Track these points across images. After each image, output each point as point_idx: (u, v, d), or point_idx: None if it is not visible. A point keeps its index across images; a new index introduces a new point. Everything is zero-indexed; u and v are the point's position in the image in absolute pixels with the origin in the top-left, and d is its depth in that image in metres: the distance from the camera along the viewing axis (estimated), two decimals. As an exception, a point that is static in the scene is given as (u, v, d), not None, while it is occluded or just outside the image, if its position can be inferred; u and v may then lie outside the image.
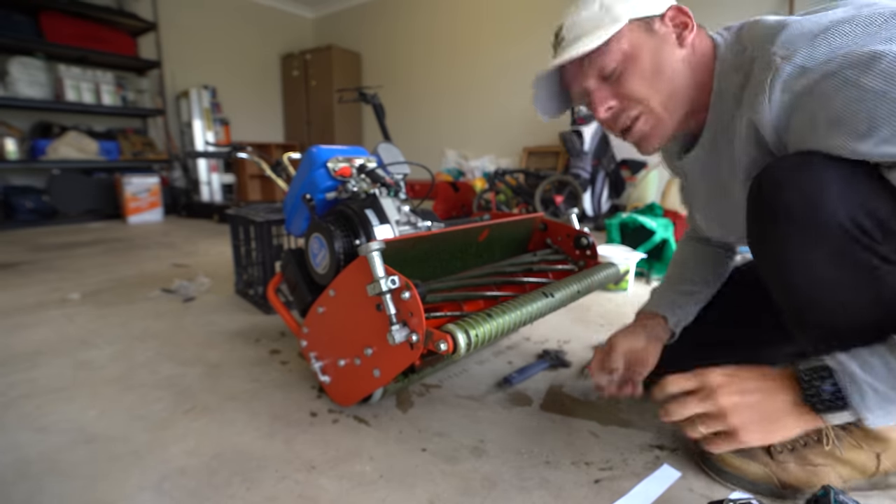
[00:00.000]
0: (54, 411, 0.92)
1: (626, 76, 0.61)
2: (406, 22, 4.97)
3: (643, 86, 0.61)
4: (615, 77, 0.62)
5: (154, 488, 0.71)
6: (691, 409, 0.54)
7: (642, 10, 0.61)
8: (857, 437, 0.67)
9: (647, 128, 0.64)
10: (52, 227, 3.51)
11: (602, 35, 0.59)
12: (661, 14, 0.62)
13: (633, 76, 0.61)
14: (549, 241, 1.18)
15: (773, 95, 0.51)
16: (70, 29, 3.63)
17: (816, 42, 0.48)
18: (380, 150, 1.12)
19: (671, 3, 0.63)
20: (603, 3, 0.62)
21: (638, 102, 0.62)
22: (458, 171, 4.43)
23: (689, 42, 0.62)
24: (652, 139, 0.65)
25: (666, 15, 0.62)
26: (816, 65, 0.48)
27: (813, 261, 0.50)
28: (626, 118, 0.64)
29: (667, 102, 0.62)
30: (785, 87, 0.50)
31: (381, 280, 0.70)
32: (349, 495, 0.69)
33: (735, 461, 0.68)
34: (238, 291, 1.70)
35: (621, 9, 0.61)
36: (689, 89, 0.63)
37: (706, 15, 3.48)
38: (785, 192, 0.50)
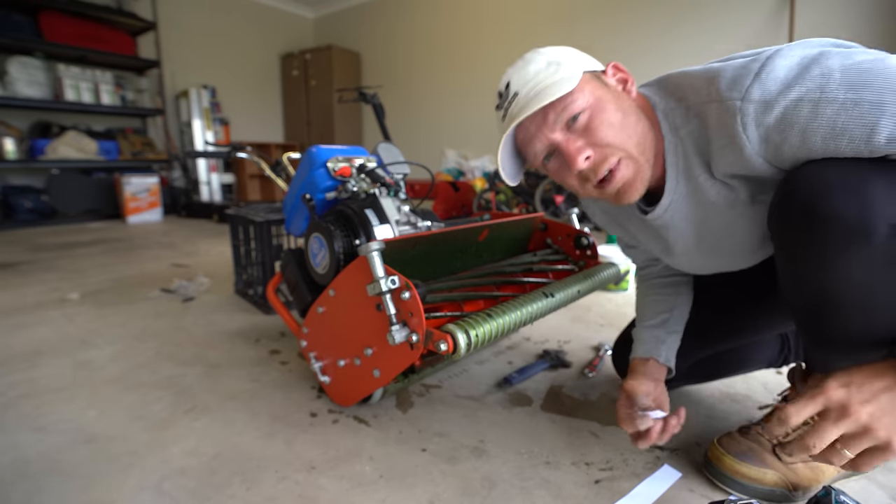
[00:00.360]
0: (54, 411, 0.92)
1: (596, 125, 0.59)
2: (406, 22, 4.97)
3: (616, 132, 0.59)
4: (583, 127, 0.59)
5: (154, 488, 0.71)
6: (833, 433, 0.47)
7: (588, 65, 0.63)
8: None
9: (630, 173, 0.61)
10: (52, 226, 3.51)
11: (566, 84, 0.58)
12: (603, 70, 0.64)
13: (603, 124, 0.59)
14: (550, 240, 1.18)
15: (749, 136, 0.52)
16: (69, 28, 3.63)
17: (761, 77, 0.50)
18: (380, 149, 1.12)
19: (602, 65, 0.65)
20: (550, 59, 0.62)
21: (616, 149, 0.59)
22: (458, 171, 4.42)
23: (633, 94, 0.64)
24: (635, 185, 0.62)
25: (607, 70, 0.64)
26: (775, 96, 0.50)
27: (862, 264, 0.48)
28: (607, 167, 0.60)
29: (641, 147, 0.61)
30: (757, 123, 0.51)
31: (380, 280, 0.70)
32: (349, 495, 0.69)
33: (751, 471, 0.68)
34: (238, 291, 1.70)
35: (571, 63, 0.62)
36: (648, 137, 0.62)
37: (707, 15, 3.44)
38: (831, 198, 0.48)
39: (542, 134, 0.61)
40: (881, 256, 0.47)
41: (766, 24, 3.00)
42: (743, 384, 1.02)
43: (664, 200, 0.66)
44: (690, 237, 0.70)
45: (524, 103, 0.60)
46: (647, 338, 0.81)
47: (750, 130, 0.52)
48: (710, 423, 0.87)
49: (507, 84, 0.64)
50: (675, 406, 0.92)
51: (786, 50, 0.51)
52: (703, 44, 3.18)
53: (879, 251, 0.47)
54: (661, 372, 0.78)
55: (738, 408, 0.93)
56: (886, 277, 0.48)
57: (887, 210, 0.46)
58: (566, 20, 3.83)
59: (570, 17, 3.81)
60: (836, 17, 2.80)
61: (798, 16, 2.87)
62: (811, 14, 2.85)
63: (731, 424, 0.85)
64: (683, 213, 0.67)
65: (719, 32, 3.15)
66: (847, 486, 0.70)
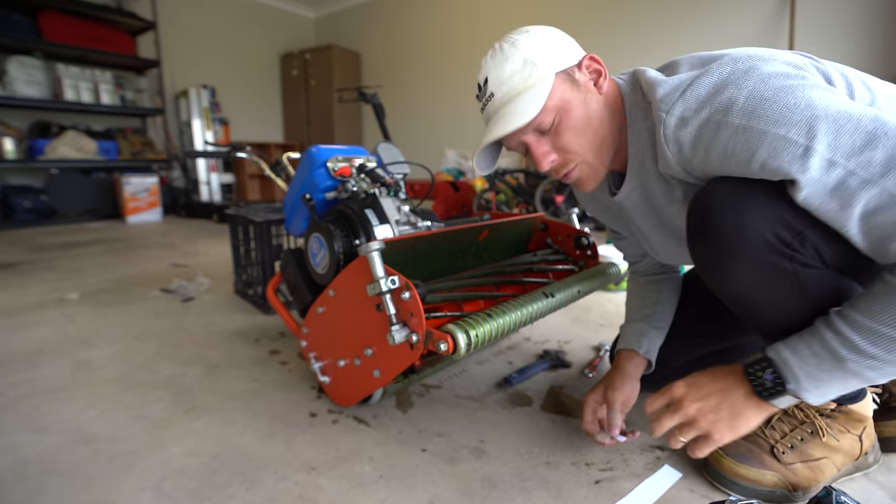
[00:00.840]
0: (53, 411, 0.92)
1: (561, 130, 0.66)
2: (406, 22, 4.97)
3: (577, 139, 0.66)
4: (552, 130, 0.66)
5: (154, 488, 0.70)
6: (668, 423, 0.61)
7: (563, 61, 0.65)
8: (842, 423, 0.70)
9: (584, 175, 0.69)
10: (51, 226, 3.51)
11: (538, 96, 0.63)
12: (578, 63, 0.66)
13: (568, 130, 0.65)
14: (550, 240, 1.18)
15: (669, 147, 0.59)
16: (69, 28, 3.62)
17: (685, 95, 0.57)
18: (379, 149, 1.12)
19: (582, 52, 0.67)
20: (526, 57, 0.64)
21: (576, 155, 0.67)
22: (458, 171, 4.42)
23: (604, 89, 0.67)
24: (588, 183, 0.70)
25: (582, 63, 0.66)
26: (690, 113, 0.56)
27: (746, 271, 0.58)
28: (565, 171, 0.69)
29: (598, 151, 0.68)
30: (675, 137, 0.58)
31: (380, 280, 0.70)
32: (349, 496, 0.69)
33: (750, 473, 0.68)
34: (237, 291, 1.70)
35: (546, 63, 0.64)
36: (612, 133, 0.68)
37: (707, 15, 3.43)
38: (714, 215, 0.57)
39: (514, 136, 0.68)
40: (758, 265, 0.56)
41: (766, 24, 3.00)
42: (743, 384, 1.02)
43: (625, 186, 0.72)
44: (652, 221, 0.75)
45: (498, 110, 0.66)
46: (630, 331, 0.86)
47: (670, 142, 0.59)
48: (711, 424, 0.87)
49: (484, 80, 0.67)
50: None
51: (716, 67, 0.56)
52: (702, 44, 3.18)
53: (756, 260, 0.56)
54: (641, 367, 0.82)
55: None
56: (765, 281, 0.57)
57: (760, 225, 0.55)
58: (565, 19, 3.83)
59: (570, 16, 3.81)
60: (836, 17, 2.80)
61: (798, 15, 2.87)
62: (812, 13, 2.85)
63: (731, 424, 0.85)
64: (643, 200, 0.73)
65: (718, 32, 3.15)
66: (847, 486, 0.70)
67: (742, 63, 0.55)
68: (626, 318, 0.91)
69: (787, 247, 0.55)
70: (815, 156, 0.48)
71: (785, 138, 0.50)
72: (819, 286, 0.57)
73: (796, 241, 0.55)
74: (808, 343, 0.53)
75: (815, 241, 0.55)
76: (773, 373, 0.55)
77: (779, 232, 0.55)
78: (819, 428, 0.69)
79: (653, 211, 0.74)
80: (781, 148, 0.50)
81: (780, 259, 0.56)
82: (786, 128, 0.50)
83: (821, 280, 0.57)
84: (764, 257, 0.56)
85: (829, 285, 0.57)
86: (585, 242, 1.10)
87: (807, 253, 0.55)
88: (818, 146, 0.48)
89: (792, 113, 0.50)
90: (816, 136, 0.48)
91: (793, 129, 0.49)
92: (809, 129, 0.49)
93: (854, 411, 0.70)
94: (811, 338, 0.53)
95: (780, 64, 0.55)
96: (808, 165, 0.49)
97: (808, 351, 0.53)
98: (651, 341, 0.84)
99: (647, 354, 0.82)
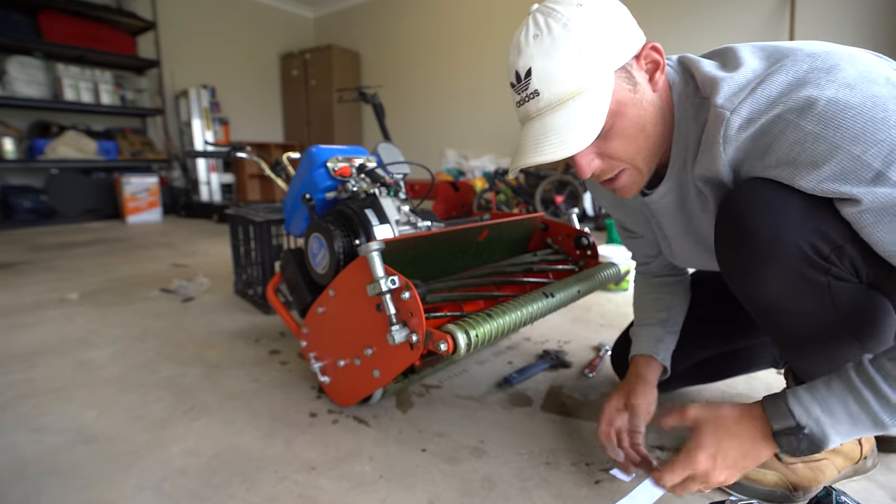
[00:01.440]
0: (52, 411, 0.92)
1: (612, 136, 0.58)
2: (406, 21, 4.97)
3: (628, 146, 0.59)
4: (600, 136, 0.58)
5: (154, 488, 0.70)
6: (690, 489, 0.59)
7: (622, 55, 0.56)
8: None
9: (630, 182, 0.63)
10: (51, 226, 3.51)
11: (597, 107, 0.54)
12: (637, 54, 0.58)
13: (618, 136, 0.58)
14: (550, 240, 1.18)
15: (726, 148, 0.54)
16: (68, 28, 3.62)
17: (755, 94, 0.51)
18: (379, 149, 1.12)
19: (641, 36, 0.58)
20: (581, 47, 0.53)
21: (623, 162, 0.60)
22: (458, 171, 4.42)
23: (660, 84, 0.59)
24: (633, 189, 0.64)
25: (642, 54, 0.58)
26: (759, 114, 0.51)
27: (778, 280, 0.54)
28: (610, 175, 0.62)
29: (648, 157, 0.61)
30: (736, 137, 0.53)
31: (380, 280, 0.70)
32: (349, 496, 0.69)
33: (750, 472, 0.68)
34: (237, 291, 1.70)
35: (604, 60, 0.54)
36: (662, 135, 0.61)
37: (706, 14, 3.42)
38: (750, 219, 0.54)
39: None
40: (791, 275, 0.53)
41: (765, 24, 3.00)
42: (745, 385, 1.02)
43: (662, 187, 0.67)
44: (681, 226, 0.71)
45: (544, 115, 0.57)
46: (647, 336, 0.82)
47: (729, 143, 0.54)
48: (711, 424, 0.87)
49: (527, 71, 0.55)
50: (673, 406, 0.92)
51: (790, 63, 0.51)
52: (703, 43, 3.18)
53: (789, 270, 0.53)
54: (658, 372, 0.79)
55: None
56: (797, 292, 0.54)
57: (797, 234, 0.52)
58: (566, 20, 3.82)
59: (570, 16, 3.80)
60: (835, 17, 2.80)
61: (798, 14, 2.87)
62: (811, 14, 2.85)
63: (731, 425, 0.85)
64: (677, 202, 0.68)
65: (717, 31, 3.15)
66: (848, 486, 0.70)
67: (822, 60, 0.49)
68: (639, 320, 0.87)
69: (823, 259, 0.52)
70: (887, 184, 0.45)
71: (859, 158, 0.45)
72: (851, 301, 0.54)
73: (834, 254, 0.52)
74: (843, 402, 0.49)
75: (854, 255, 0.52)
76: (808, 441, 0.51)
77: (816, 243, 0.51)
78: None
79: (684, 216, 0.69)
80: (851, 168, 0.46)
81: (815, 271, 0.53)
82: (863, 146, 0.45)
83: (854, 295, 0.54)
84: (798, 267, 0.53)
85: (862, 301, 0.54)
86: (585, 242, 1.10)
87: (843, 267, 0.52)
88: (893, 175, 0.44)
89: (876, 129, 0.45)
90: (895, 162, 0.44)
91: (871, 148, 0.45)
92: (891, 151, 0.44)
93: None
94: (846, 394, 0.49)
95: (864, 65, 0.49)
96: (874, 190, 0.45)
97: (843, 411, 0.49)
98: (667, 347, 0.81)
99: (664, 361, 0.80)
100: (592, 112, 0.55)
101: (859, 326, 0.56)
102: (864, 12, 2.72)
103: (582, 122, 0.55)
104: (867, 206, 0.46)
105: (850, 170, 0.46)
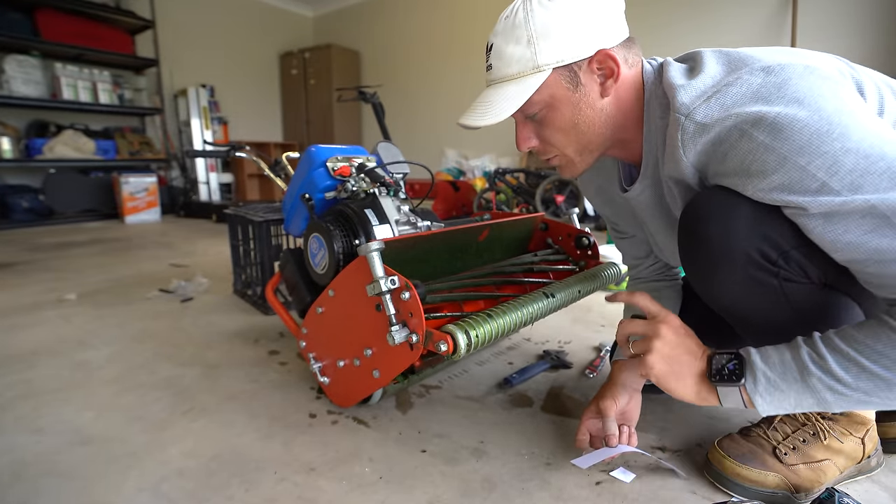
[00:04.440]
0: (51, 412, 0.92)
1: (545, 123, 0.66)
2: (405, 20, 4.96)
3: (559, 137, 0.66)
4: (538, 121, 0.66)
5: (152, 490, 0.70)
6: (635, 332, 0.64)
7: (570, 54, 0.60)
8: (844, 425, 0.70)
9: (563, 164, 0.71)
10: (49, 226, 3.50)
11: (523, 91, 0.61)
12: (589, 58, 0.61)
13: (551, 126, 0.66)
14: (550, 240, 1.17)
15: (686, 151, 0.57)
16: (66, 26, 3.61)
17: (710, 102, 0.54)
18: (379, 149, 1.11)
19: (602, 44, 0.61)
20: (532, 35, 0.59)
21: (555, 149, 0.68)
22: (458, 171, 4.42)
23: (610, 91, 0.63)
24: (566, 173, 0.72)
25: (594, 59, 0.61)
26: (714, 121, 0.54)
27: (730, 281, 0.59)
28: (545, 157, 0.70)
29: (580, 151, 0.68)
30: (692, 142, 0.56)
31: (380, 280, 0.69)
32: (348, 497, 0.69)
33: (752, 474, 0.67)
34: (236, 292, 1.70)
35: (548, 54, 0.60)
36: (603, 135, 0.67)
37: (706, 14, 3.43)
38: (703, 225, 0.58)
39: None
40: (742, 278, 0.58)
41: (767, 23, 3.00)
42: (744, 384, 1.02)
43: (638, 184, 0.71)
44: (661, 221, 0.75)
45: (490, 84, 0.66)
46: None
47: (688, 147, 0.57)
48: (712, 425, 0.87)
49: (490, 45, 0.65)
50: (673, 409, 0.92)
51: (746, 76, 0.53)
52: (703, 43, 3.18)
53: (741, 273, 0.57)
54: (638, 377, 0.78)
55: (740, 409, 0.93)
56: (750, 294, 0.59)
57: (746, 240, 0.56)
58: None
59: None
60: (837, 17, 2.80)
61: (800, 13, 2.87)
62: (813, 13, 2.85)
63: (732, 426, 0.85)
64: (655, 199, 0.72)
65: (717, 31, 3.15)
66: (850, 487, 0.70)
67: (775, 75, 0.52)
68: None
69: (771, 263, 0.56)
70: (830, 193, 0.48)
71: (804, 169, 0.48)
72: (807, 300, 0.57)
73: (781, 258, 0.55)
74: (780, 352, 0.54)
75: (801, 259, 0.55)
76: (735, 364, 0.56)
77: (763, 248, 0.55)
78: (820, 430, 0.69)
79: (663, 210, 0.73)
80: (797, 179, 0.49)
81: (765, 274, 0.56)
82: (808, 157, 0.48)
83: (809, 294, 0.57)
84: (748, 271, 0.57)
85: (818, 299, 0.58)
86: (586, 242, 1.10)
87: (792, 270, 0.56)
88: (835, 184, 0.47)
89: (821, 142, 0.47)
90: (838, 172, 0.47)
91: (816, 160, 0.47)
92: (834, 163, 0.47)
93: (855, 414, 0.70)
94: (785, 348, 0.54)
95: (815, 79, 0.51)
96: (819, 199, 0.48)
97: (777, 359, 0.54)
98: None
99: None
100: (516, 97, 0.62)
101: (820, 322, 0.57)
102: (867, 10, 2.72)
103: (506, 103, 0.62)
104: (813, 213, 0.49)
105: (797, 180, 0.49)
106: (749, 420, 0.88)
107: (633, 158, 0.71)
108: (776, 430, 0.71)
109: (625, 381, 0.77)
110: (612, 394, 0.75)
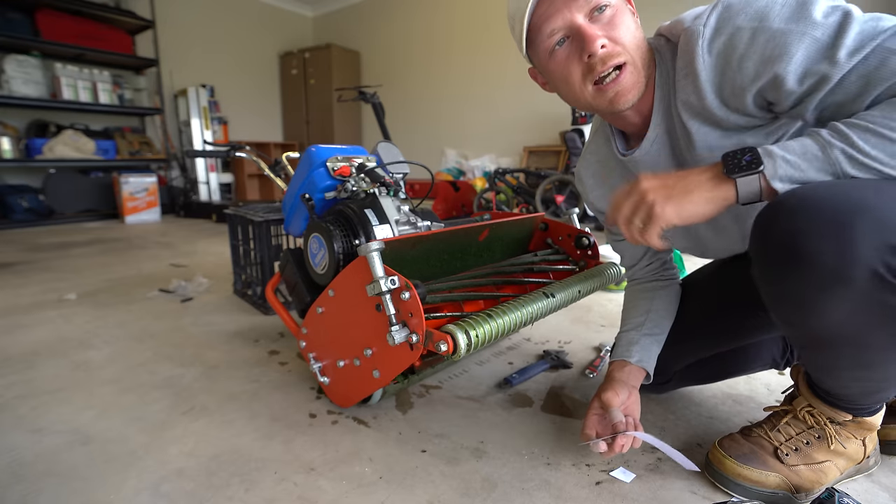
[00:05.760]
0: (51, 412, 0.92)
1: (617, 22, 0.61)
2: (406, 20, 4.96)
3: (631, 37, 0.62)
4: (607, 20, 0.61)
5: (152, 490, 0.70)
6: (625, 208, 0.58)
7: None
8: (851, 430, 0.69)
9: (632, 81, 0.63)
10: (49, 226, 3.50)
11: None
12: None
13: (623, 24, 0.61)
14: (550, 240, 1.17)
15: (704, 60, 0.58)
16: (66, 27, 3.61)
17: (718, 7, 0.57)
18: (379, 149, 1.11)
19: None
20: None
21: (627, 51, 0.62)
22: (458, 171, 4.42)
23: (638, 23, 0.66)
24: (631, 93, 0.64)
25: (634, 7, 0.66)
26: (724, 22, 0.56)
27: (843, 308, 0.48)
28: (614, 63, 0.61)
29: (644, 60, 0.64)
30: (710, 48, 0.58)
31: (380, 280, 0.69)
32: (348, 497, 0.69)
33: (752, 474, 0.67)
34: (236, 292, 1.69)
35: None
36: (649, 57, 0.66)
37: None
38: (809, 238, 0.47)
39: (569, 11, 0.60)
40: (862, 301, 0.47)
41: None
42: (746, 385, 1.02)
43: (650, 133, 0.69)
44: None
45: None
46: (621, 342, 0.84)
47: (705, 54, 0.58)
48: (712, 425, 0.87)
49: None
50: (673, 409, 0.92)
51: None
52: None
53: (859, 297, 0.47)
54: (637, 377, 0.78)
55: (741, 409, 0.93)
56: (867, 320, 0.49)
57: (871, 256, 0.44)
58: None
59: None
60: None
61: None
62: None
63: (733, 426, 0.85)
64: (667, 149, 0.70)
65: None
66: (850, 487, 0.70)
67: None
68: (620, 328, 0.88)
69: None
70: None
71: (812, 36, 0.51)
72: None
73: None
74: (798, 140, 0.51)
75: None
76: (752, 155, 0.51)
77: (891, 262, 0.44)
78: (829, 435, 0.68)
79: (674, 164, 0.70)
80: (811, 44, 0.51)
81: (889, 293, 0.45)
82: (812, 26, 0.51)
83: None
84: (873, 294, 0.45)
85: None
86: (586, 242, 1.10)
87: None
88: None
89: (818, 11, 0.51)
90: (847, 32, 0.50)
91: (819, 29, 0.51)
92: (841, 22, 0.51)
93: (867, 422, 0.68)
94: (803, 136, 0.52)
95: None
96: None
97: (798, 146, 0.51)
98: (644, 349, 0.80)
99: (640, 363, 0.79)
100: None
101: None
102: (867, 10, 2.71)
103: None
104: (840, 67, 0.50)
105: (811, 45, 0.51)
106: (750, 420, 0.88)
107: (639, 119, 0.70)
108: (779, 432, 0.71)
109: (623, 379, 0.78)
110: (612, 388, 0.76)
